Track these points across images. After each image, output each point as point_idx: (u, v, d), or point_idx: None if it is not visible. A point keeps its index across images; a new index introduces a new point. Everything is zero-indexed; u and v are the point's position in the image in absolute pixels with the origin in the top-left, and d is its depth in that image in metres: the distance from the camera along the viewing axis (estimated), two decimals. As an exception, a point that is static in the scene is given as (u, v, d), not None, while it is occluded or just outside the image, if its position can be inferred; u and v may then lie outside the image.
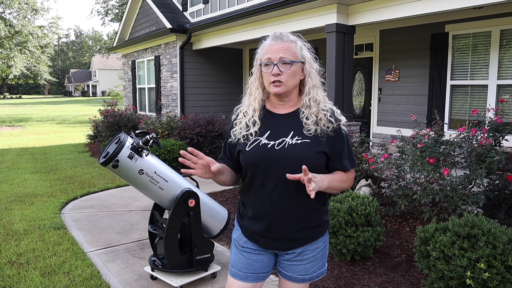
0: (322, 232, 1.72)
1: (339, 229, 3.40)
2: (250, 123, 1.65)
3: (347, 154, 1.67)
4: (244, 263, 1.73)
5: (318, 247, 1.73)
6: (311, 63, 1.64)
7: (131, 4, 12.12)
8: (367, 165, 4.66)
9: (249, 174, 1.65)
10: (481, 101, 6.38)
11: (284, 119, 1.65)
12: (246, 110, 1.69)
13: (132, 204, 5.37)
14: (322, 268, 1.77)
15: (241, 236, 1.76)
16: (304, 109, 1.64)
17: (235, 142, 1.69)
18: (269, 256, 1.75)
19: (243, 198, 1.74)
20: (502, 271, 2.41)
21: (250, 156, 1.61)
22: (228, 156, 1.75)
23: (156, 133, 8.70)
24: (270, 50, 1.59)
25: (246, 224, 1.73)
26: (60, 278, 3.23)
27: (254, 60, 1.69)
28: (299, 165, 1.55)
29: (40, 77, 50.91)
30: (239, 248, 1.76)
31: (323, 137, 1.60)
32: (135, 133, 2.93)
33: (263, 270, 1.74)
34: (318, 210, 1.68)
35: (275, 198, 1.60)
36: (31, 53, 37.26)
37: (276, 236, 1.65)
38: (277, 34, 1.62)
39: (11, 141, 12.15)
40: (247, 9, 7.70)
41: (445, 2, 5.07)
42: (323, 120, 1.61)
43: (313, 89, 1.64)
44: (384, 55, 7.77)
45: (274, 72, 1.57)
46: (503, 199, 3.94)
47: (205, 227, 3.19)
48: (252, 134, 1.63)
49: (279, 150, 1.58)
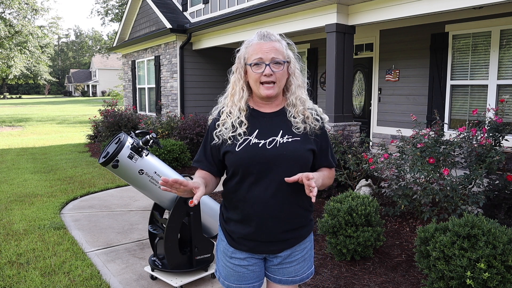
0: (309, 231, 1.72)
1: (339, 229, 3.40)
2: (236, 124, 1.60)
3: (331, 152, 1.71)
4: (235, 277, 1.68)
5: (306, 247, 1.72)
6: (295, 63, 1.64)
7: (131, 4, 12.12)
8: (367, 165, 4.65)
9: (239, 175, 1.59)
10: (481, 101, 6.38)
11: (271, 118, 1.64)
12: (230, 110, 1.63)
13: (132, 204, 5.37)
14: (310, 268, 1.77)
15: (228, 247, 1.69)
16: (290, 108, 1.64)
17: (219, 144, 1.62)
18: (260, 264, 1.71)
19: (228, 202, 1.67)
20: (502, 271, 2.41)
21: (241, 157, 1.56)
22: (210, 159, 1.67)
23: (156, 133, 8.70)
24: (261, 50, 1.55)
25: (232, 228, 1.66)
26: (60, 278, 3.23)
27: (236, 58, 1.66)
28: (292, 164, 1.56)
29: (40, 77, 50.89)
30: (228, 261, 1.69)
31: (312, 135, 1.62)
32: (135, 133, 2.93)
33: (256, 279, 1.71)
34: (307, 209, 1.68)
35: (267, 198, 1.57)
36: (31, 53, 37.24)
37: (265, 238, 1.62)
38: (264, 33, 1.59)
39: (11, 141, 12.15)
40: (247, 9, 7.70)
41: (445, 2, 5.07)
42: (310, 118, 1.63)
43: (298, 88, 1.65)
44: (384, 55, 7.77)
45: (267, 72, 1.54)
46: (503, 199, 3.94)
47: (205, 227, 3.19)
48: (241, 134, 1.59)
49: (271, 149, 1.56)
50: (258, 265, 1.70)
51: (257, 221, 1.59)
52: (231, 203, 1.66)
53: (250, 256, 1.68)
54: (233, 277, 1.69)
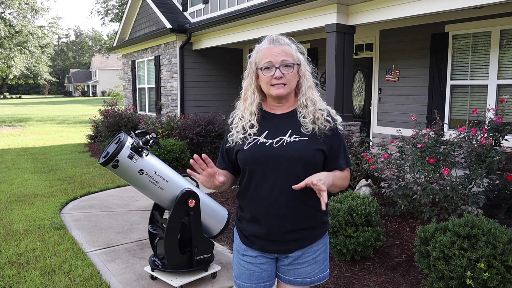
0: (321, 233, 1.72)
1: (339, 229, 3.40)
2: (247, 127, 1.66)
3: (343, 154, 1.70)
4: (247, 275, 1.73)
5: (319, 249, 1.72)
6: (305, 65, 1.68)
7: (131, 4, 12.12)
8: (367, 165, 4.65)
9: (247, 173, 1.65)
10: (481, 101, 6.38)
11: (282, 119, 1.67)
12: (242, 114, 1.71)
13: (132, 204, 5.37)
14: (323, 272, 1.75)
15: (240, 244, 1.75)
16: (301, 109, 1.67)
17: (232, 146, 1.70)
18: (271, 264, 1.73)
19: (241, 201, 1.74)
20: (502, 271, 2.41)
21: (248, 154, 1.63)
22: (226, 161, 1.77)
23: (156, 133, 8.70)
24: (271, 54, 1.60)
25: (244, 226, 1.72)
26: (60, 278, 3.23)
27: (248, 64, 1.71)
28: (297, 162, 1.57)
29: (40, 77, 50.88)
30: (241, 258, 1.74)
31: (320, 136, 1.63)
32: (135, 133, 2.93)
33: (267, 279, 1.73)
34: (317, 209, 1.67)
35: (274, 196, 1.60)
36: (31, 53, 37.24)
37: (274, 237, 1.64)
38: (274, 38, 1.64)
39: (11, 141, 12.15)
40: (247, 9, 7.70)
41: (445, 2, 5.07)
42: (320, 119, 1.64)
43: (309, 89, 1.67)
44: (384, 55, 7.77)
45: (277, 75, 1.58)
46: (503, 199, 3.94)
47: (205, 227, 3.19)
48: (251, 135, 1.65)
49: (277, 148, 1.60)
50: (270, 264, 1.73)
51: (265, 219, 1.63)
52: (243, 202, 1.72)
53: (262, 254, 1.71)
54: (244, 275, 1.73)
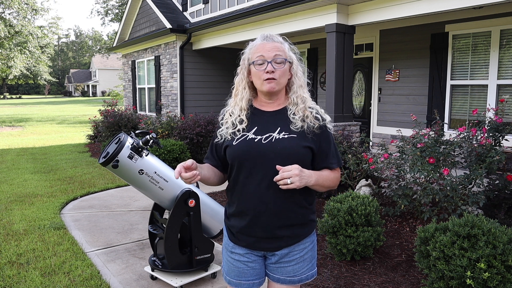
0: (309, 231, 1.73)
1: (339, 229, 3.40)
2: (236, 122, 1.68)
3: (333, 153, 1.71)
4: (235, 272, 1.74)
5: (306, 248, 1.73)
6: (297, 64, 1.70)
7: (131, 4, 12.12)
8: (367, 165, 4.65)
9: (235, 169, 1.66)
10: (481, 101, 6.38)
11: (272, 116, 1.69)
12: (232, 110, 1.73)
13: (132, 204, 5.37)
14: (311, 270, 1.77)
15: (228, 242, 1.76)
16: (291, 106, 1.69)
17: (221, 142, 1.71)
18: (260, 262, 1.74)
19: (230, 196, 1.75)
20: (502, 271, 2.41)
21: (237, 150, 1.64)
22: (215, 156, 1.78)
23: (156, 133, 8.70)
24: (264, 49, 1.63)
25: (232, 223, 1.73)
26: (60, 278, 3.23)
27: (241, 60, 1.73)
28: (285, 159, 1.59)
29: (40, 77, 50.87)
30: (229, 255, 1.76)
31: (309, 134, 1.64)
32: (135, 133, 2.92)
33: (256, 277, 1.75)
34: (304, 207, 1.68)
35: (261, 191, 1.61)
36: (31, 53, 37.25)
37: (261, 234, 1.65)
38: (267, 35, 1.67)
39: (11, 141, 12.15)
40: (247, 9, 7.70)
41: (445, 2, 5.07)
42: (309, 117, 1.66)
43: (300, 88, 1.70)
44: (384, 55, 7.77)
45: (269, 69, 1.60)
46: (503, 199, 3.94)
47: (205, 227, 3.19)
48: (240, 131, 1.67)
49: (265, 144, 1.62)
50: (258, 262, 1.74)
51: (251, 215, 1.64)
52: (231, 198, 1.74)
53: (249, 252, 1.72)
54: (233, 272, 1.75)
